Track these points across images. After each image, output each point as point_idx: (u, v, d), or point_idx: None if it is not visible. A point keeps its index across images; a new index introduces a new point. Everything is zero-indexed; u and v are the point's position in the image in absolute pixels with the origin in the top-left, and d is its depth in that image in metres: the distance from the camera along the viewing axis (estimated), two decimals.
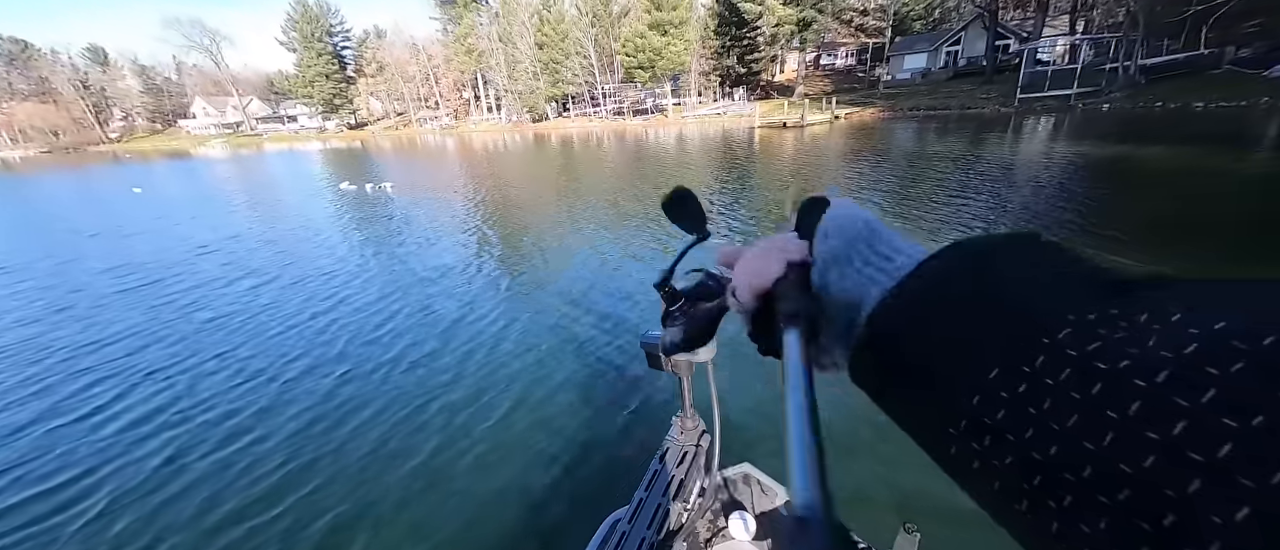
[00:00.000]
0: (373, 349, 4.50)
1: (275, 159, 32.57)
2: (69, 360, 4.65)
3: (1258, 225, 6.28)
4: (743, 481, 1.46)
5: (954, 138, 17.45)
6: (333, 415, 3.53)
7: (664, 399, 3.42)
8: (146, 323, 5.43)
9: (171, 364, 4.44)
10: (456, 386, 3.81)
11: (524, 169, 18.62)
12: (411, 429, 3.34)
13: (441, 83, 60.84)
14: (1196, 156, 10.82)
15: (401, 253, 7.61)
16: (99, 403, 3.89)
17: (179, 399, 3.87)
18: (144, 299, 6.20)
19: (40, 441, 3.45)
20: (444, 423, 3.38)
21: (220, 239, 9.28)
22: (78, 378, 4.30)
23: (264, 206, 13.16)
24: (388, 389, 3.84)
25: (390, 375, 4.04)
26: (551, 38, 44.37)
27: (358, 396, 3.75)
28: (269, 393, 3.87)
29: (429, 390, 3.78)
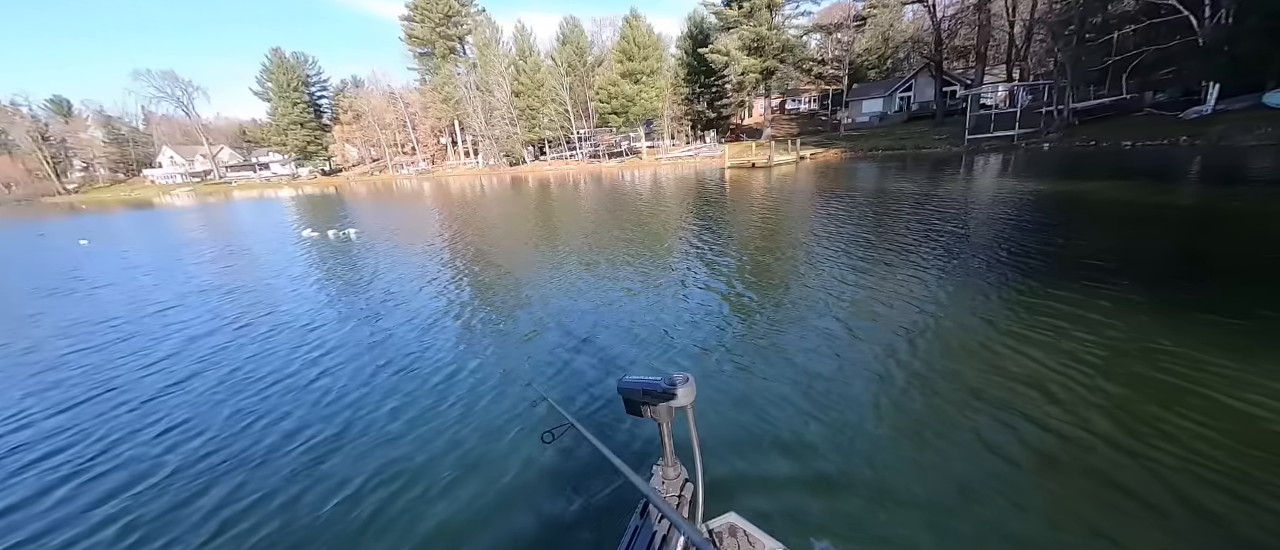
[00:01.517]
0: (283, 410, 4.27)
1: (241, 207, 31.87)
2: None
3: (1191, 256, 6.73)
4: (728, 534, 1.34)
5: (913, 176, 18.41)
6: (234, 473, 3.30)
7: (641, 447, 3.30)
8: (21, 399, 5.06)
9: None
10: (406, 444, 3.63)
11: (497, 211, 18.67)
12: (372, 487, 3.13)
13: (418, 129, 61.54)
14: (1132, 191, 11.69)
15: (353, 304, 7.38)
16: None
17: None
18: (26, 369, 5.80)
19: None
20: (400, 483, 3.18)
21: (146, 291, 8.87)
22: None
23: (208, 257, 12.68)
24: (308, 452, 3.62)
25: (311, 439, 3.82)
26: (528, 86, 45.79)
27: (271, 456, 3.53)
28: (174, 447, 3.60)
29: (375, 447, 3.58)
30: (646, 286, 7.01)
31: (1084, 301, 5.08)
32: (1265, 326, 4.25)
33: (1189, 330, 4.31)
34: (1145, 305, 4.92)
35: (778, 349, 4.67)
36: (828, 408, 3.61)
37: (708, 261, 8.17)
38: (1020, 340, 4.41)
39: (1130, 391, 3.53)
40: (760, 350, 4.67)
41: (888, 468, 2.95)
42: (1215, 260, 6.28)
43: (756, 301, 6.12)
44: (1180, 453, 2.88)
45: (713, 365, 4.45)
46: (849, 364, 4.27)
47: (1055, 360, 4.02)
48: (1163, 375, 3.68)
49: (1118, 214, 9.32)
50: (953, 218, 10.06)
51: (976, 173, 17.86)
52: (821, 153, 31.84)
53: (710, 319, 5.60)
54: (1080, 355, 4.06)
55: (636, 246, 9.78)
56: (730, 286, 6.74)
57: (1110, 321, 4.59)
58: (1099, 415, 3.28)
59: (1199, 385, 3.50)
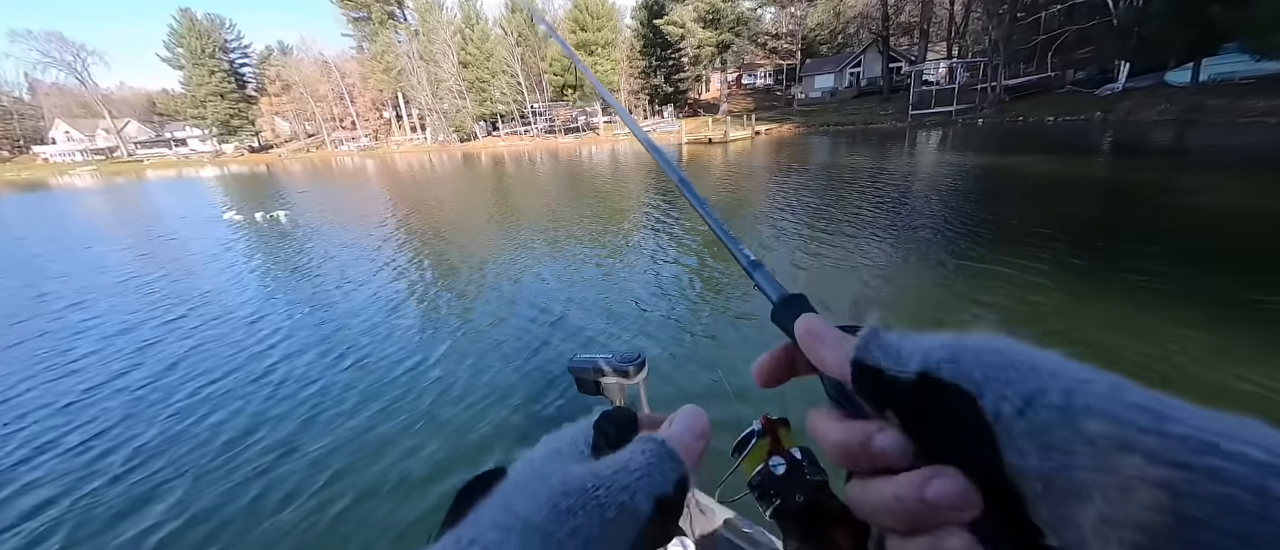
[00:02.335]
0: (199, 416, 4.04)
1: (157, 188, 28.86)
2: None
3: (1102, 224, 7.43)
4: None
5: (862, 150, 19.14)
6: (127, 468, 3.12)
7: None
8: None
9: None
10: (329, 443, 3.51)
11: (450, 190, 17.90)
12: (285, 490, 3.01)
13: (358, 102, 57.38)
14: (1052, 163, 12.69)
15: (296, 293, 6.96)
16: None
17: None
18: None
19: None
20: (343, 472, 3.09)
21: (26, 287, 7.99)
22: None
23: (108, 245, 11.49)
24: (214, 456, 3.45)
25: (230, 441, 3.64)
26: (476, 57, 43.49)
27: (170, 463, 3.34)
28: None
29: (337, 447, 3.45)
30: (615, 265, 7.00)
31: (1013, 266, 5.55)
32: (1163, 282, 4.80)
33: (1101, 288, 4.81)
34: (1065, 269, 5.43)
35: (745, 318, 4.82)
36: None
37: (674, 237, 8.24)
38: (962, 298, 4.79)
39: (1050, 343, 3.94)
40: (728, 321, 4.81)
41: None
42: (1121, 227, 6.98)
43: (723, 274, 6.25)
44: None
45: (680, 336, 4.55)
46: None
47: (990, 315, 4.41)
48: (1079, 328, 4.12)
49: (1040, 186, 10.13)
50: (899, 191, 10.59)
51: (919, 148, 18.79)
52: (776, 128, 32.39)
53: (679, 292, 5.68)
54: (1013, 311, 4.47)
55: (601, 225, 9.71)
56: (700, 261, 6.84)
57: (1038, 282, 5.05)
58: None
59: (1107, 333, 3.94)
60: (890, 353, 0.23)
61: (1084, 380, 0.19)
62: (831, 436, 0.25)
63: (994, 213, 8.17)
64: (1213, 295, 4.45)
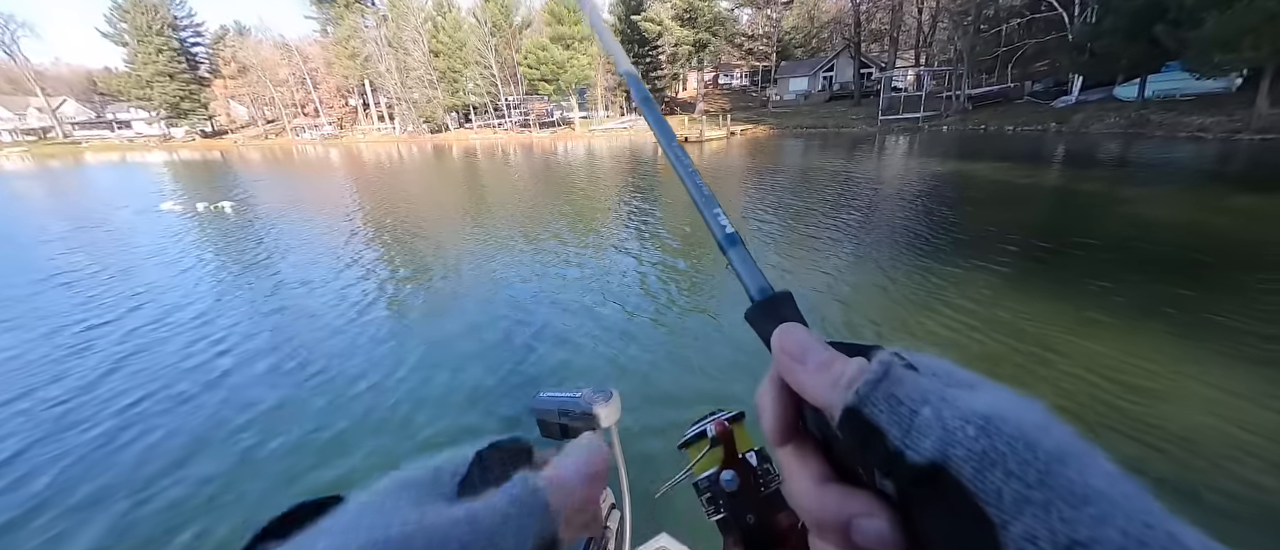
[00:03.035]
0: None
1: (97, 173, 26.84)
2: None
3: (1050, 230, 7.72)
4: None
5: (833, 154, 19.48)
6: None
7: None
8: None
9: None
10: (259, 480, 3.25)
11: (417, 183, 17.27)
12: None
13: (321, 88, 54.90)
14: (1010, 171, 13.19)
15: (239, 292, 6.51)
16: None
17: None
18: None
19: None
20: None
21: None
22: None
23: (32, 236, 10.57)
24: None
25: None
26: (448, 46, 42.23)
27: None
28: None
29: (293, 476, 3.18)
30: (592, 261, 6.82)
31: (970, 266, 5.68)
32: (1110, 283, 4.98)
33: (1053, 290, 4.96)
34: (1019, 270, 5.58)
35: (715, 326, 4.74)
36: (752, 380, 3.72)
37: (654, 236, 8.12)
38: (919, 307, 4.84)
39: (1004, 346, 4.02)
40: (706, 319, 4.72)
41: None
42: (1073, 233, 7.26)
43: (704, 270, 6.17)
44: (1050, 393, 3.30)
45: (657, 334, 4.43)
46: None
47: (944, 321, 4.47)
48: (1030, 327, 4.24)
49: (999, 192, 10.49)
50: (868, 194, 10.78)
51: (888, 152, 19.26)
52: (751, 129, 32.70)
53: (659, 288, 5.56)
54: (967, 311, 4.55)
55: (579, 226, 9.48)
56: (680, 258, 6.74)
57: (993, 282, 5.17)
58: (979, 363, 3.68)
59: (1054, 331, 4.05)
60: (901, 415, 0.18)
61: (1145, 526, 0.15)
62: (805, 500, 0.21)
63: (955, 216, 8.40)
64: (1151, 295, 4.66)
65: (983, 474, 0.16)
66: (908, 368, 0.19)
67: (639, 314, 5.14)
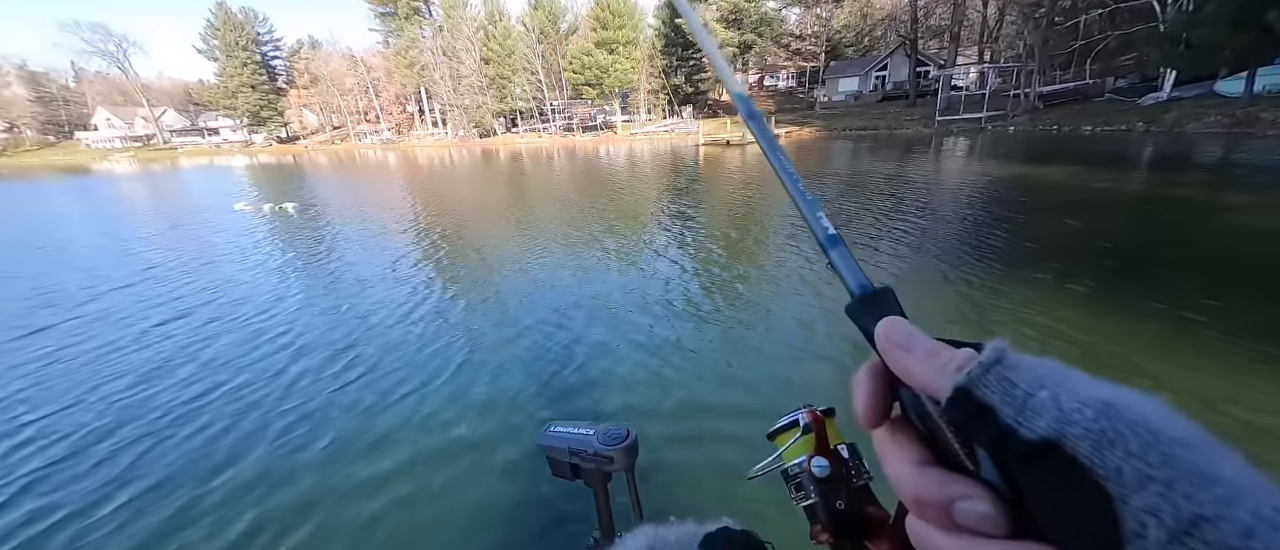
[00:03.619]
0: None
1: (190, 176, 29.76)
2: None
3: (1135, 240, 6.94)
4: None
5: (884, 156, 18.55)
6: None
7: (580, 513, 2.61)
8: None
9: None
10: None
11: (466, 186, 17.95)
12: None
13: (382, 96, 58.43)
14: (1087, 175, 12.03)
15: (302, 288, 6.93)
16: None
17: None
18: None
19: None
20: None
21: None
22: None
23: (131, 232, 11.69)
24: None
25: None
26: (497, 53, 43.80)
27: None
28: None
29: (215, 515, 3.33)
30: (635, 274, 6.80)
31: (1036, 285, 5.17)
32: (1221, 308, 4.38)
33: (1127, 320, 4.42)
34: (1097, 288, 5.03)
35: (764, 336, 4.58)
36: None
37: (696, 241, 8.01)
38: (980, 326, 4.45)
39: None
40: (747, 333, 4.58)
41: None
42: (1156, 251, 6.49)
43: (752, 286, 6.01)
44: None
45: (700, 352, 4.33)
46: (828, 363, 4.21)
47: (1014, 340, 4.07)
48: (1113, 349, 3.77)
49: (1074, 198, 9.56)
50: (920, 202, 10.14)
51: (946, 154, 18.12)
52: (796, 131, 31.80)
53: (704, 303, 5.46)
54: (1039, 327, 4.12)
55: (620, 229, 9.51)
56: (735, 269, 6.61)
57: (1067, 306, 4.68)
58: None
59: (1144, 359, 3.59)
60: (1014, 395, 0.18)
61: (1276, 510, 0.14)
62: (906, 482, 0.22)
63: (1023, 224, 7.72)
64: (1269, 317, 4.04)
65: (1101, 452, 0.16)
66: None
67: (682, 320, 5.04)
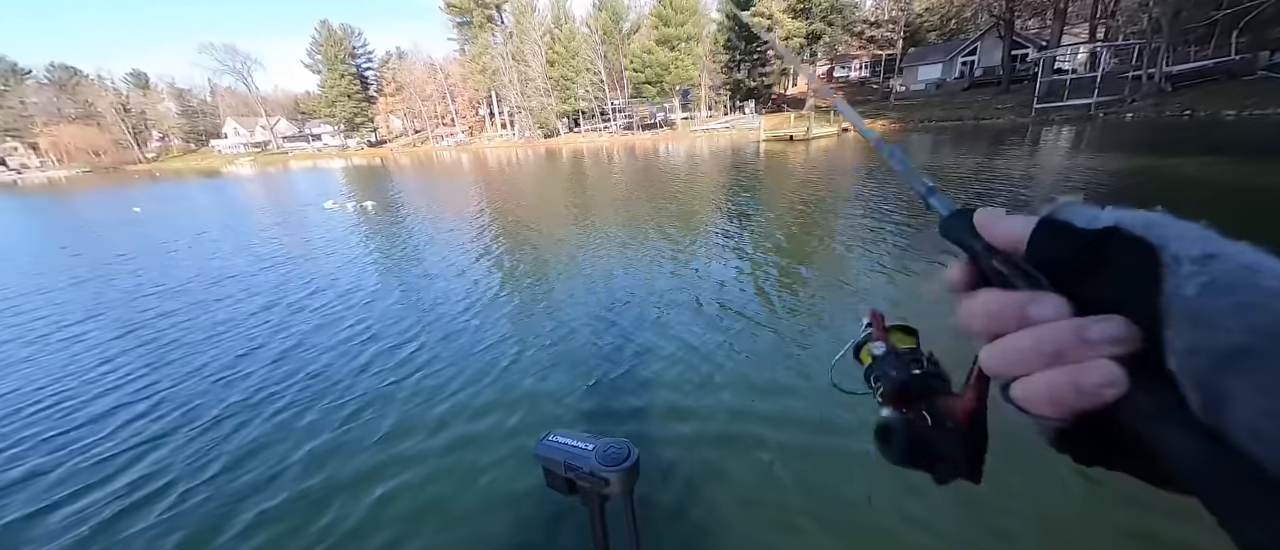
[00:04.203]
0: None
1: (297, 177, 33.59)
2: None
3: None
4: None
5: (969, 148, 16.94)
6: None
7: (577, 525, 2.50)
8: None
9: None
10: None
11: (530, 183, 18.70)
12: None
13: (457, 100, 62.38)
14: (1230, 168, 10.20)
15: (347, 287, 7.53)
16: None
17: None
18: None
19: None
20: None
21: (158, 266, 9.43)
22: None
23: (224, 229, 13.26)
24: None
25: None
26: (562, 56, 45.14)
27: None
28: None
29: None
30: (689, 274, 6.77)
31: None
32: None
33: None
34: None
35: (818, 323, 4.37)
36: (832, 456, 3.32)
37: (754, 241, 7.81)
38: None
39: None
40: (808, 340, 4.39)
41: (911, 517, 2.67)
42: None
43: (803, 278, 5.77)
44: None
45: (756, 358, 4.22)
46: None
47: None
48: None
49: (1216, 196, 8.14)
50: (1014, 197, 9.13)
51: (1045, 146, 16.19)
52: (868, 123, 29.85)
53: (758, 309, 5.32)
54: None
55: (672, 231, 9.49)
56: (795, 273, 6.40)
57: None
58: None
59: None
60: (1084, 213, 0.23)
61: (1258, 255, 0.19)
62: (988, 305, 0.25)
63: None
64: None
65: (1149, 227, 0.21)
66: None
67: (738, 322, 4.92)
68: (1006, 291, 0.25)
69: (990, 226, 0.27)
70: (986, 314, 0.25)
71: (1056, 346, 0.22)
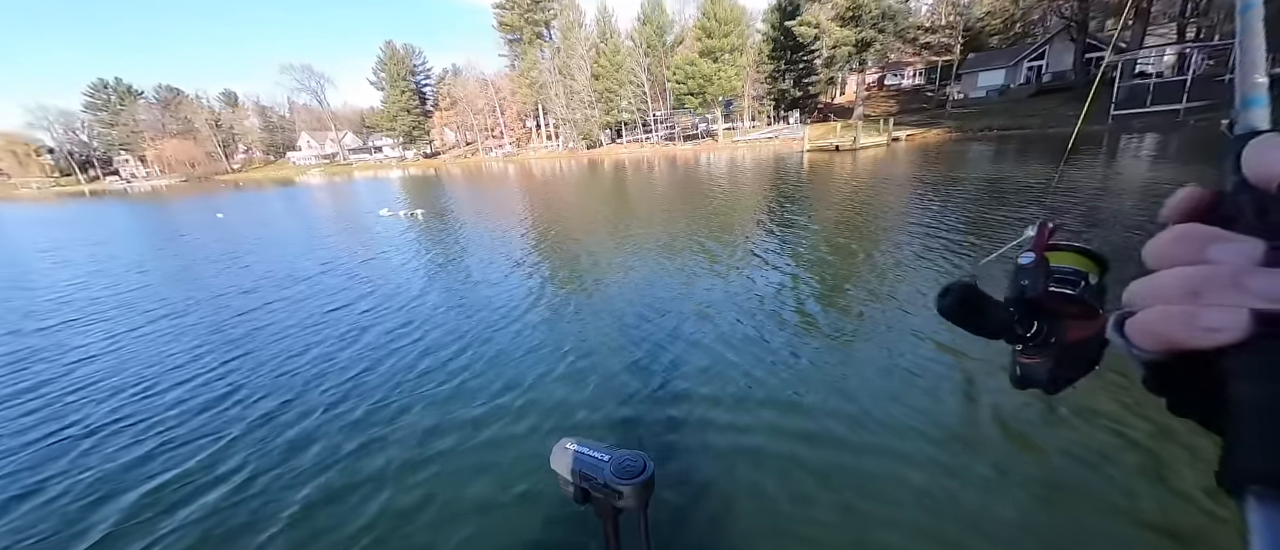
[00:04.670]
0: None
1: (360, 186, 36.01)
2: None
3: None
4: None
5: (1035, 159, 15.82)
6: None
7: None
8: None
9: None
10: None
11: (573, 195, 19.13)
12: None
13: (506, 113, 64.99)
14: None
15: (393, 290, 7.89)
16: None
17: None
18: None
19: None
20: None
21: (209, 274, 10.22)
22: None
23: (285, 236, 14.33)
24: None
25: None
26: (607, 69, 46.14)
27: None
28: None
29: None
30: (718, 283, 6.71)
31: None
32: None
33: None
34: None
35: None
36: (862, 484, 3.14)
37: (779, 266, 7.64)
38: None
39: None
40: (854, 354, 4.23)
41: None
42: None
43: (861, 307, 5.57)
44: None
45: (800, 373, 4.11)
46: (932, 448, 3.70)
47: None
48: None
49: None
50: (1092, 214, 8.41)
51: (1124, 156, 14.87)
52: (921, 133, 28.55)
53: (798, 323, 5.20)
54: None
55: (709, 242, 9.43)
56: (816, 277, 6.22)
57: None
58: None
59: None
60: None
61: None
62: (1174, 234, 0.23)
63: None
64: None
65: None
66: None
67: (777, 337, 4.79)
68: (1208, 227, 0.22)
69: (1260, 156, 0.23)
70: (1172, 239, 0.22)
71: (1203, 285, 0.19)
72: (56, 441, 3.90)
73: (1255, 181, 0.22)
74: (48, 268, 11.57)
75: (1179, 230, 0.23)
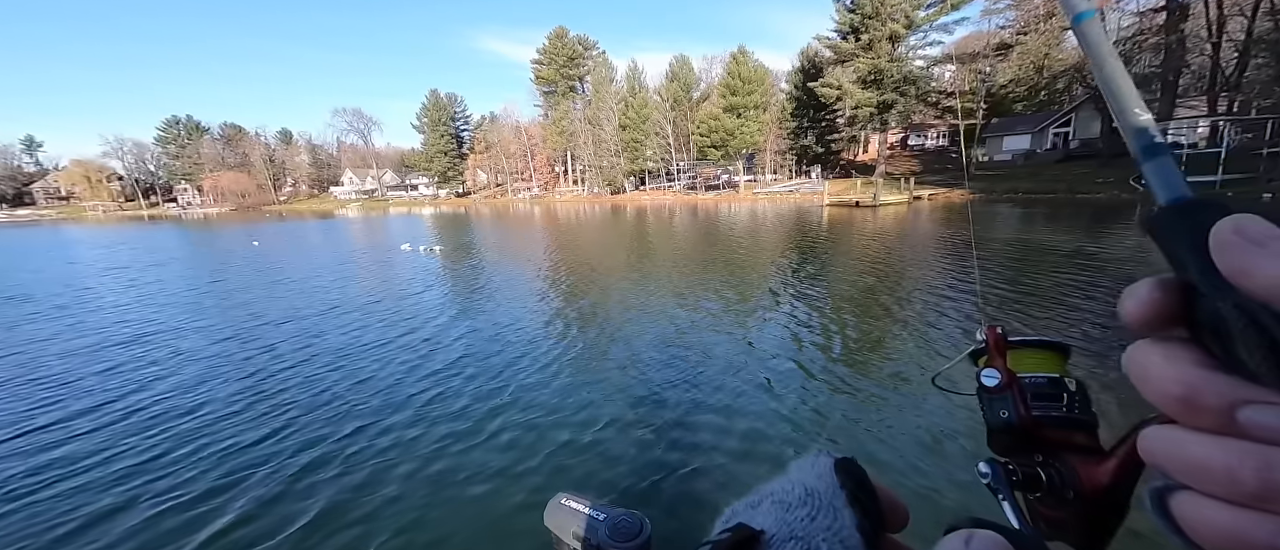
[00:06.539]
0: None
1: (392, 221, 37.69)
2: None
3: None
4: None
5: (1063, 224, 15.54)
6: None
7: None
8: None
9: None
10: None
11: (593, 238, 19.57)
12: None
13: (536, 158, 67.97)
14: None
15: (380, 319, 8.08)
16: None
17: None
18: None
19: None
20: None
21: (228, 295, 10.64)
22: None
23: (312, 266, 14.95)
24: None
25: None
26: (634, 121, 48.27)
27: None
28: None
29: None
30: (733, 335, 6.68)
31: None
32: None
33: None
34: None
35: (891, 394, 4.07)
36: None
37: (809, 300, 7.59)
38: None
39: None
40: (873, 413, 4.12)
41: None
42: None
43: (881, 361, 5.47)
44: None
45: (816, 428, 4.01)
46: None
47: None
48: None
49: None
50: (1115, 288, 8.15)
51: None
52: (943, 193, 28.52)
53: (820, 375, 5.11)
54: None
55: (725, 292, 9.46)
56: (860, 342, 6.14)
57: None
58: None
59: None
60: None
61: None
62: (1184, 377, 0.18)
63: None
64: None
65: None
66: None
67: (792, 394, 4.70)
68: (1214, 374, 0.17)
69: (1236, 250, 0.17)
70: (1180, 383, 0.18)
71: (1271, 486, 0.15)
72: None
73: (1252, 287, 0.17)
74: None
75: (1186, 371, 0.18)
